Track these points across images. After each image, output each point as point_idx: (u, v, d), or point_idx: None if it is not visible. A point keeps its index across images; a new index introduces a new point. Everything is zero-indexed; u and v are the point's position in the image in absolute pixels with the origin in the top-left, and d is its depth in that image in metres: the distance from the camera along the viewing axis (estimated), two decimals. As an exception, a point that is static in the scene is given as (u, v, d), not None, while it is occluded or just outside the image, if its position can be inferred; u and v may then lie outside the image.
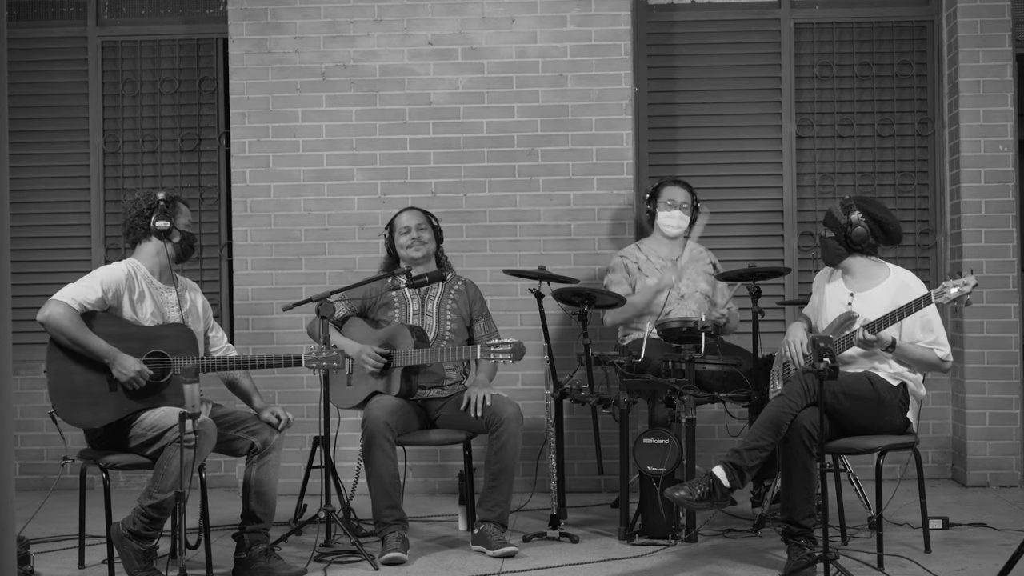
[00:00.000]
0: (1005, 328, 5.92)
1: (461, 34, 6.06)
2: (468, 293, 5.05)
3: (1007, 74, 5.95)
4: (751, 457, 4.16)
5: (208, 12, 6.50)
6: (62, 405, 4.13)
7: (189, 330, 4.29)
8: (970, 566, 4.24)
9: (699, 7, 6.40)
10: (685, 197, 5.42)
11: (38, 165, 6.45)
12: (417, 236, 4.99)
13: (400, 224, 5.03)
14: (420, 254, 4.97)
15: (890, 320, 4.26)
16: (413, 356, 4.68)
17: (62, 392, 4.12)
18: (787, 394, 4.19)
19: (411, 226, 5.00)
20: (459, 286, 5.05)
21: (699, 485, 4.17)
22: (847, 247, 4.49)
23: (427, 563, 4.44)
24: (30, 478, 6.14)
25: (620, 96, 6.01)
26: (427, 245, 5.00)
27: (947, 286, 4.18)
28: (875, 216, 4.45)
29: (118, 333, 4.16)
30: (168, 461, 3.99)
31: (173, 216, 4.34)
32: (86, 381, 4.12)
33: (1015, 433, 5.93)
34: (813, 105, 6.35)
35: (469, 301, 5.03)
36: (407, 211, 5.11)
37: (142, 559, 4.02)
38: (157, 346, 4.19)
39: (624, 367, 4.70)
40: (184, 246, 4.38)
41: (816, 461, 4.00)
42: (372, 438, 4.51)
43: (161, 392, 4.17)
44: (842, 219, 4.46)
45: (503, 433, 4.61)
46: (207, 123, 6.49)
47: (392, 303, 4.95)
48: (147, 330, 4.23)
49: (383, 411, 4.56)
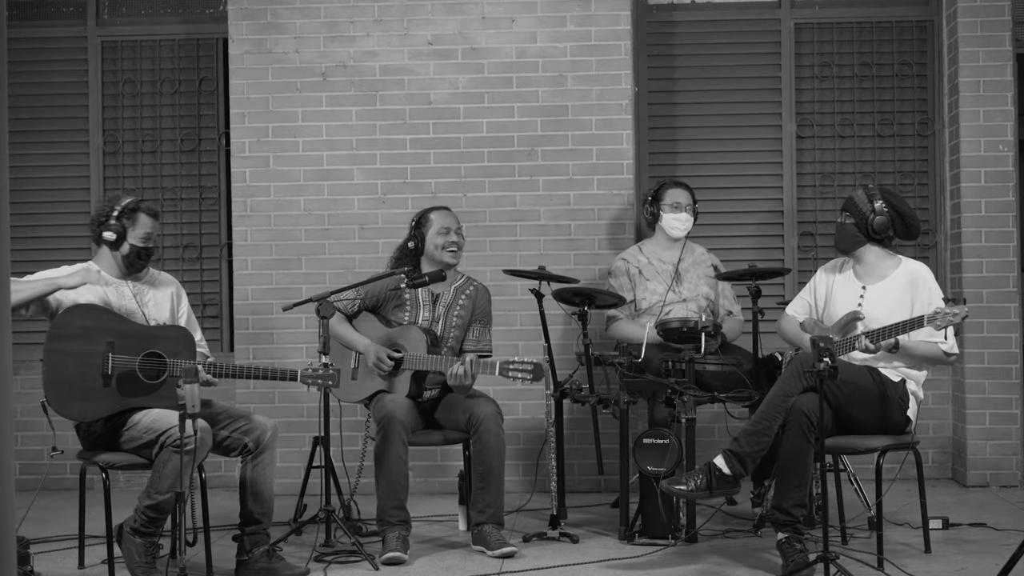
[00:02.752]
0: (1005, 328, 5.92)
1: (461, 34, 6.06)
2: (475, 298, 4.95)
3: (1007, 74, 5.95)
4: (749, 443, 4.16)
5: (208, 12, 6.50)
6: (54, 395, 4.09)
7: (188, 333, 4.28)
8: (970, 566, 4.24)
9: (699, 7, 6.40)
10: (688, 199, 5.41)
11: (38, 165, 6.45)
12: (457, 240, 4.87)
13: (439, 223, 4.87)
14: (456, 261, 4.86)
15: (890, 332, 4.24)
16: (424, 362, 4.63)
17: (56, 382, 4.09)
18: (784, 378, 4.20)
19: (451, 228, 4.87)
20: (470, 291, 4.96)
21: (697, 476, 4.16)
22: (866, 235, 4.47)
23: (427, 563, 4.44)
24: (30, 478, 6.14)
25: (620, 96, 6.01)
26: (462, 252, 4.91)
27: (944, 317, 4.11)
28: (899, 209, 4.45)
29: (120, 330, 4.15)
30: (165, 464, 3.99)
31: (128, 227, 4.27)
32: (81, 374, 4.09)
33: (1015, 433, 5.93)
34: (813, 105, 6.35)
35: (474, 305, 4.94)
36: (445, 211, 4.96)
37: (143, 554, 4.02)
38: (155, 346, 4.17)
39: (624, 367, 4.70)
40: (131, 259, 4.29)
41: (812, 449, 4.00)
42: (389, 437, 4.48)
43: (155, 393, 4.15)
44: (865, 206, 4.44)
45: (484, 433, 4.59)
46: (207, 123, 6.49)
47: (404, 304, 4.85)
48: (146, 330, 4.22)
49: (401, 411, 4.54)
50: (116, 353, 4.11)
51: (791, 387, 4.16)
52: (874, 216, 4.42)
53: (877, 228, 4.43)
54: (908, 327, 4.24)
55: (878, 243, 4.49)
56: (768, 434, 4.16)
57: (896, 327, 4.24)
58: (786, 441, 4.15)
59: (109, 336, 4.12)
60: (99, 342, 4.11)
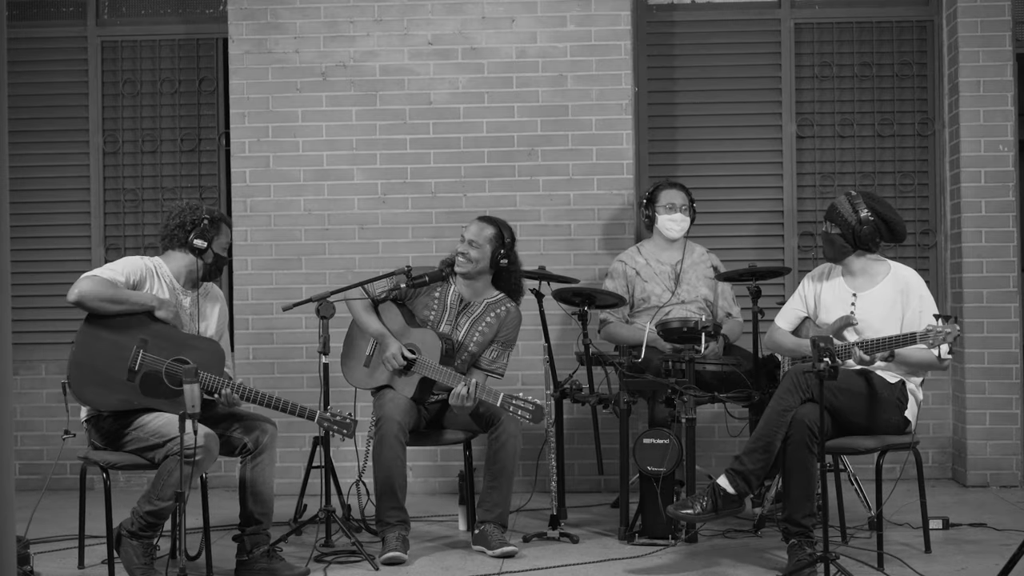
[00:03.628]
0: (1005, 328, 5.92)
1: (461, 34, 6.06)
2: (504, 319, 4.80)
3: (1007, 74, 5.95)
4: (751, 460, 4.16)
5: (208, 12, 6.50)
6: (76, 376, 4.12)
7: (220, 349, 4.29)
8: (970, 566, 4.24)
9: (699, 7, 6.40)
10: (683, 199, 5.41)
11: (38, 165, 6.44)
12: (466, 250, 4.77)
13: (465, 230, 4.82)
14: (463, 270, 4.77)
15: (884, 345, 4.22)
16: (435, 371, 4.60)
17: (82, 364, 4.12)
18: (780, 393, 4.19)
19: (465, 237, 4.81)
20: (500, 311, 4.80)
21: (701, 498, 4.16)
22: (853, 244, 4.45)
23: (427, 563, 4.44)
24: (30, 478, 6.14)
25: (620, 96, 6.01)
26: (475, 264, 4.74)
27: (936, 335, 4.10)
28: (883, 215, 4.41)
29: (156, 330, 4.18)
30: (169, 473, 3.99)
31: (213, 237, 4.35)
32: (107, 363, 4.12)
33: (1015, 433, 5.93)
34: (813, 105, 6.35)
35: (500, 326, 4.81)
36: (476, 220, 4.86)
37: (141, 556, 4.02)
38: (185, 354, 4.17)
39: (624, 367, 4.69)
40: (213, 268, 4.39)
41: (816, 459, 4.00)
42: (385, 438, 4.48)
43: (175, 399, 4.10)
44: (850, 216, 4.40)
45: (502, 433, 4.61)
46: (207, 123, 6.49)
47: (431, 304, 4.79)
48: (181, 336, 4.24)
49: (398, 411, 4.54)
50: (147, 351, 4.14)
51: (789, 401, 4.15)
52: (860, 226, 4.38)
53: (863, 237, 4.40)
54: (900, 342, 4.22)
55: (866, 250, 4.48)
56: (770, 450, 4.16)
57: (888, 341, 4.23)
58: (790, 454, 4.14)
59: (144, 334, 4.16)
60: (133, 337, 4.15)
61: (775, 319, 4.71)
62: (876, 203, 4.44)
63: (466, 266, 4.76)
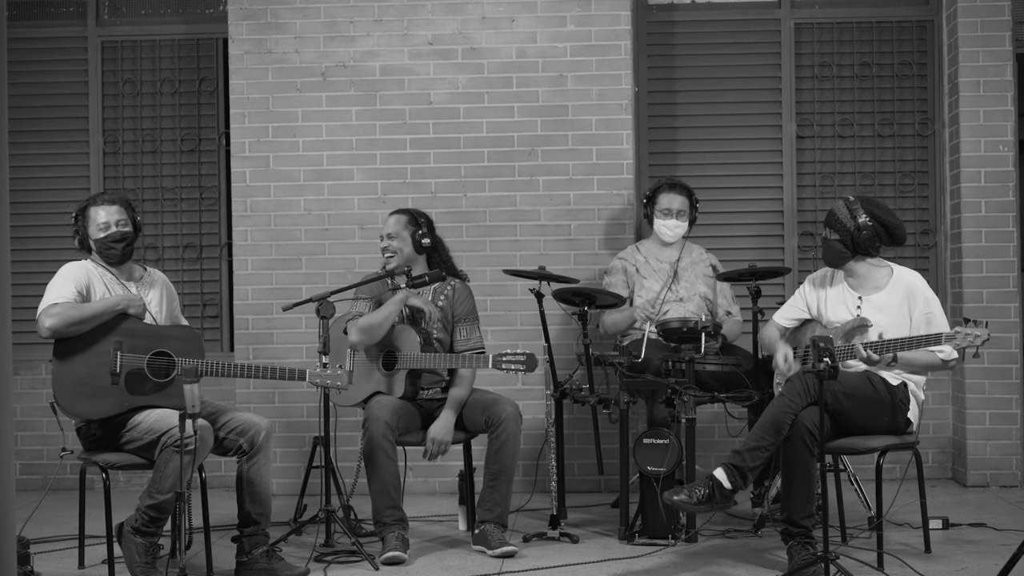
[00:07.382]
0: (1005, 328, 5.92)
1: (461, 34, 6.06)
2: (453, 296, 4.90)
3: (1007, 74, 5.95)
4: (752, 458, 4.16)
5: (208, 12, 6.50)
6: (64, 395, 4.13)
7: (196, 333, 4.32)
8: (970, 566, 4.24)
9: (699, 7, 6.40)
10: (682, 204, 5.36)
11: (38, 165, 6.45)
12: (387, 244, 4.84)
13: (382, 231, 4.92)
14: (392, 265, 4.80)
15: (896, 347, 4.22)
16: (420, 360, 4.64)
17: (65, 381, 4.13)
18: (787, 394, 4.19)
19: (383, 235, 4.88)
20: (448, 291, 4.91)
21: (698, 488, 4.16)
22: (853, 250, 4.44)
23: (427, 563, 4.44)
24: (30, 478, 6.14)
25: (620, 96, 6.01)
26: (399, 253, 4.80)
27: (964, 337, 4.11)
28: (882, 220, 4.38)
29: (128, 329, 4.19)
30: (166, 464, 4.00)
31: (83, 228, 4.33)
32: (89, 373, 4.13)
33: (1015, 433, 5.93)
34: (813, 105, 6.35)
35: (452, 304, 4.89)
36: (391, 215, 4.94)
37: (144, 554, 4.03)
38: (163, 346, 4.21)
39: (624, 367, 4.69)
40: (105, 252, 4.33)
41: (817, 461, 4.00)
42: (373, 439, 4.49)
43: (164, 391, 4.18)
44: (849, 223, 4.38)
45: (502, 433, 4.61)
46: (207, 123, 6.49)
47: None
48: (154, 329, 4.26)
49: (385, 411, 4.55)
50: (124, 352, 4.15)
51: (798, 403, 4.15)
52: (859, 232, 4.37)
53: (862, 243, 4.39)
54: (924, 342, 4.22)
55: (865, 255, 4.47)
56: (771, 449, 4.17)
57: (912, 340, 4.23)
58: (790, 455, 4.14)
59: (117, 335, 4.17)
60: (108, 341, 4.16)
61: (774, 316, 4.72)
62: (875, 208, 4.42)
63: (394, 260, 4.82)
